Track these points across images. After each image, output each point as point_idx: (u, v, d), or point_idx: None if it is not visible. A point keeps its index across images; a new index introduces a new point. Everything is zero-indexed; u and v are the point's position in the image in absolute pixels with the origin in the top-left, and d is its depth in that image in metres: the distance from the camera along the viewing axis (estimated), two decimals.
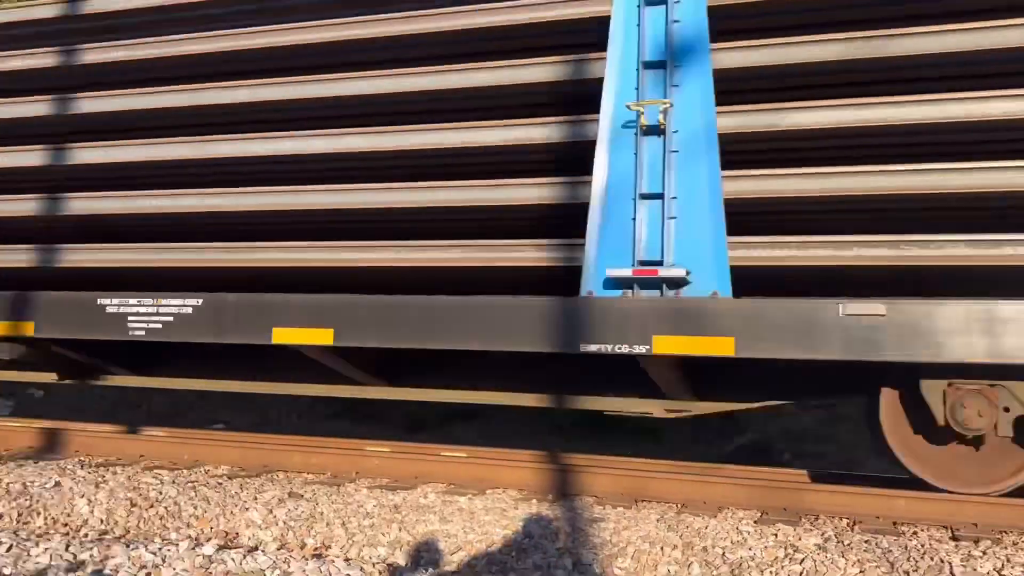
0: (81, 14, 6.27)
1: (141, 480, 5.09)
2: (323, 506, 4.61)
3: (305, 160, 5.62)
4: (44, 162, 6.37)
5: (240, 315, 5.27)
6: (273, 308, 5.20)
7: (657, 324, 4.44)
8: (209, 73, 5.94)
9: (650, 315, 4.47)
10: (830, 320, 4.20)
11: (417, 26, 5.26)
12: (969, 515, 4.40)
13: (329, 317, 5.07)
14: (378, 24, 5.37)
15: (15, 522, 4.59)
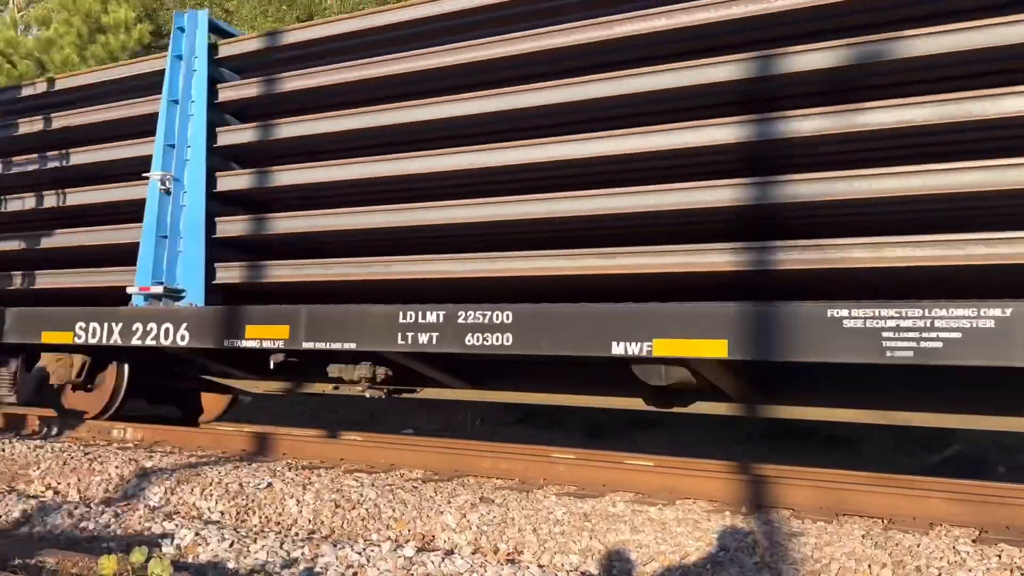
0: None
1: (343, 482, 5.36)
2: (514, 512, 4.68)
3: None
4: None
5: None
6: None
7: None
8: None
9: None
10: None
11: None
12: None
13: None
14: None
15: (234, 520, 4.96)
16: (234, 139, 7.00)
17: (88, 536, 4.53)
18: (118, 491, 5.59)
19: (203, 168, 6.91)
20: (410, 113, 6.15)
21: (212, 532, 4.33)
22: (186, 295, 6.88)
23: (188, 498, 5.30)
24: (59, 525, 4.71)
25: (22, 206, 7.89)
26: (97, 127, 7.61)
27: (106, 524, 4.67)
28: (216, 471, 5.71)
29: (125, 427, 7.69)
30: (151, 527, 4.59)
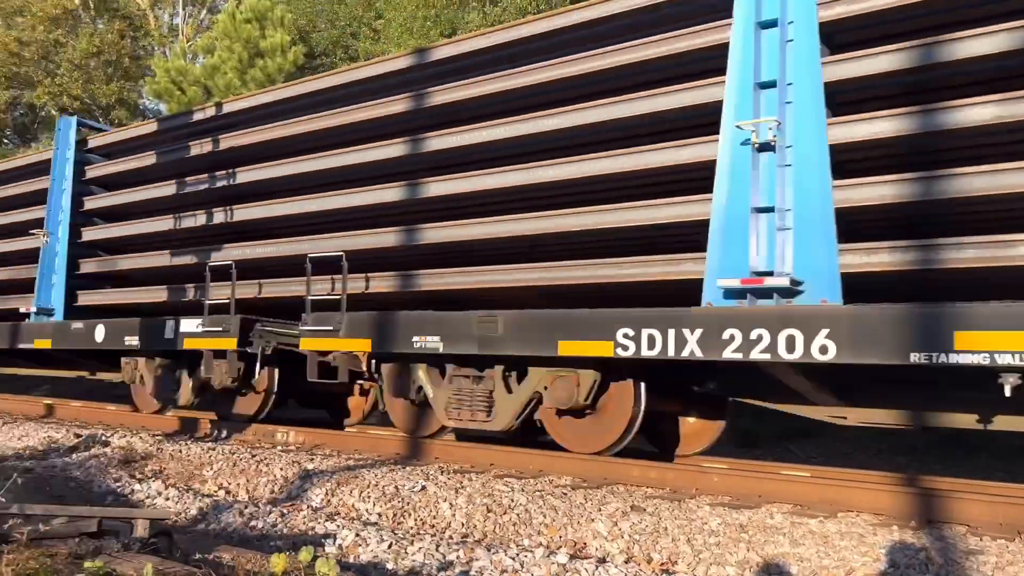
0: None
1: (494, 487, 5.42)
2: (666, 521, 4.60)
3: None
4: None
5: None
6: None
7: None
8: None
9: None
10: None
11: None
12: None
13: None
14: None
15: (391, 521, 5.11)
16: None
17: (257, 535, 4.78)
18: (283, 492, 5.87)
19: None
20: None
21: (371, 533, 4.48)
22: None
23: (347, 499, 5.51)
24: (231, 523, 4.99)
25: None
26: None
27: (273, 523, 4.92)
28: (373, 474, 5.91)
29: (288, 431, 8.08)
30: (314, 527, 4.80)
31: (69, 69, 27.40)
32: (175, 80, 19.61)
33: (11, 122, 31.47)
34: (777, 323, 4.79)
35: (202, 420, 8.92)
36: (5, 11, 28.33)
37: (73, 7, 28.62)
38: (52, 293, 10.23)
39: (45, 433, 8.21)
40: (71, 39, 27.93)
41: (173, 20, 30.54)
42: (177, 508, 5.36)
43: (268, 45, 18.55)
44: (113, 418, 9.88)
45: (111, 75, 28.14)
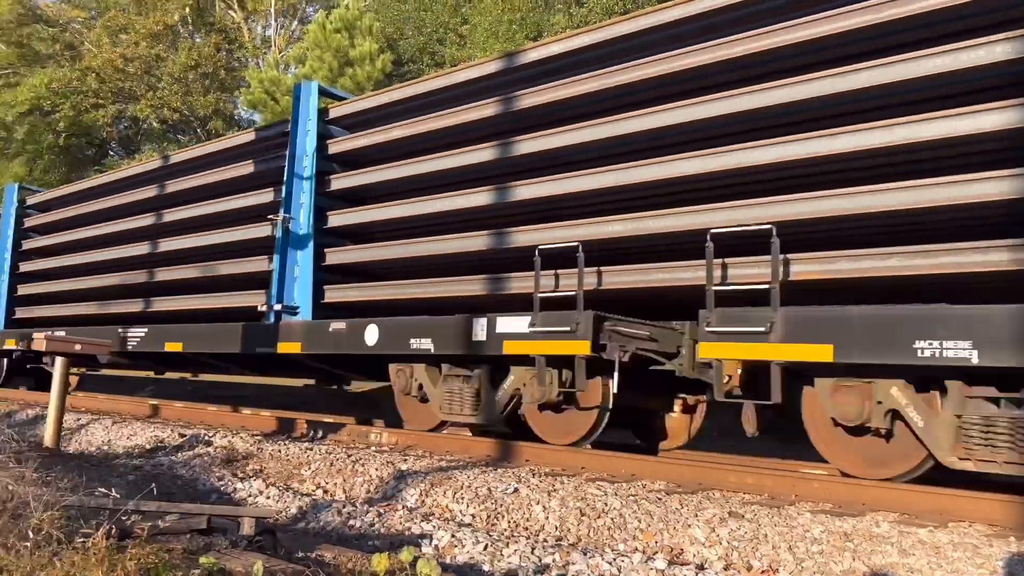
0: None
1: (587, 491, 5.39)
2: (766, 528, 4.49)
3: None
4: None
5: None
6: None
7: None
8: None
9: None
10: None
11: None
12: None
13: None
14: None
15: (485, 523, 5.14)
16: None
17: (356, 534, 4.87)
18: (378, 492, 5.97)
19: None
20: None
21: (467, 535, 4.51)
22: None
23: (441, 500, 5.56)
24: (330, 522, 5.10)
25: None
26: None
27: (370, 523, 5.01)
28: (465, 475, 5.95)
29: (381, 431, 8.22)
30: (410, 527, 4.86)
31: (169, 82, 28.59)
32: (268, 90, 20.23)
33: (116, 135, 32.98)
34: None
35: (299, 420, 9.15)
36: (111, 29, 29.73)
37: (173, 23, 29.83)
38: (296, 288, 8.84)
39: (152, 432, 8.54)
40: (171, 54, 29.12)
41: (266, 32, 31.54)
42: (278, 507, 5.50)
43: (357, 54, 18.95)
44: (214, 418, 10.23)
45: (208, 87, 29.24)
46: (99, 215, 12.62)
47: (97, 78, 29.05)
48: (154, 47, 28.83)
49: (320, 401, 13.52)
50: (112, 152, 33.67)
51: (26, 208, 14.16)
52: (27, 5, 32.09)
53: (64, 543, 2.72)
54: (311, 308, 8.64)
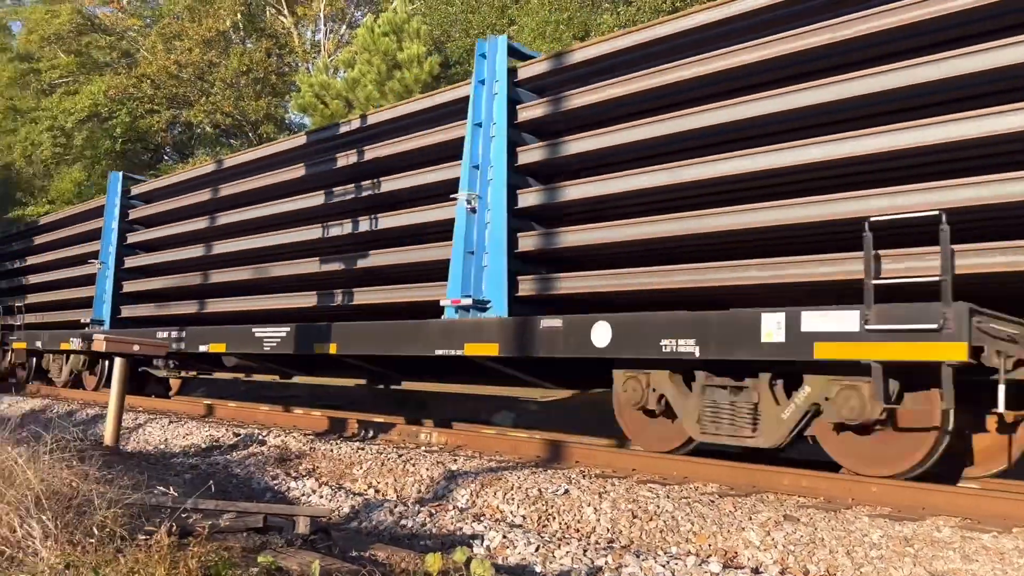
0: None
1: (638, 493, 5.36)
2: (822, 532, 4.41)
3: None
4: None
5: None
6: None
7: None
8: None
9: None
10: None
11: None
12: None
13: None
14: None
15: (536, 524, 5.14)
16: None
17: (407, 533, 4.90)
18: (429, 492, 6.00)
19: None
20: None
21: (518, 536, 4.51)
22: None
23: (491, 501, 5.57)
24: (382, 522, 5.14)
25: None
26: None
27: (422, 523, 5.03)
28: (515, 476, 5.95)
29: (431, 431, 8.27)
30: (461, 528, 4.87)
31: (222, 88, 29.11)
32: (318, 94, 20.48)
33: (170, 139, 33.68)
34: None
35: (350, 420, 9.24)
36: (165, 36, 30.37)
37: (225, 29, 30.37)
38: (484, 279, 7.41)
39: (207, 432, 8.70)
40: (223, 59, 29.64)
41: (315, 36, 31.93)
42: (331, 506, 5.57)
43: (405, 57, 19.09)
44: (266, 418, 10.38)
45: (259, 92, 29.71)
46: (212, 204, 11.38)
47: (152, 84, 29.70)
48: (207, 53, 29.37)
49: (369, 401, 13.64)
50: (167, 156, 34.39)
51: (130, 199, 13.15)
52: (86, 15, 32.93)
53: (127, 540, 2.78)
54: (506, 303, 7.22)
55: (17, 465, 3.30)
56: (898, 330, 4.88)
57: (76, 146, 31.24)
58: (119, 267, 12.93)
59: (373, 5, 30.15)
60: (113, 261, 12.88)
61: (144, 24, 34.08)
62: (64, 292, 14.86)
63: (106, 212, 13.25)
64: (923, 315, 4.81)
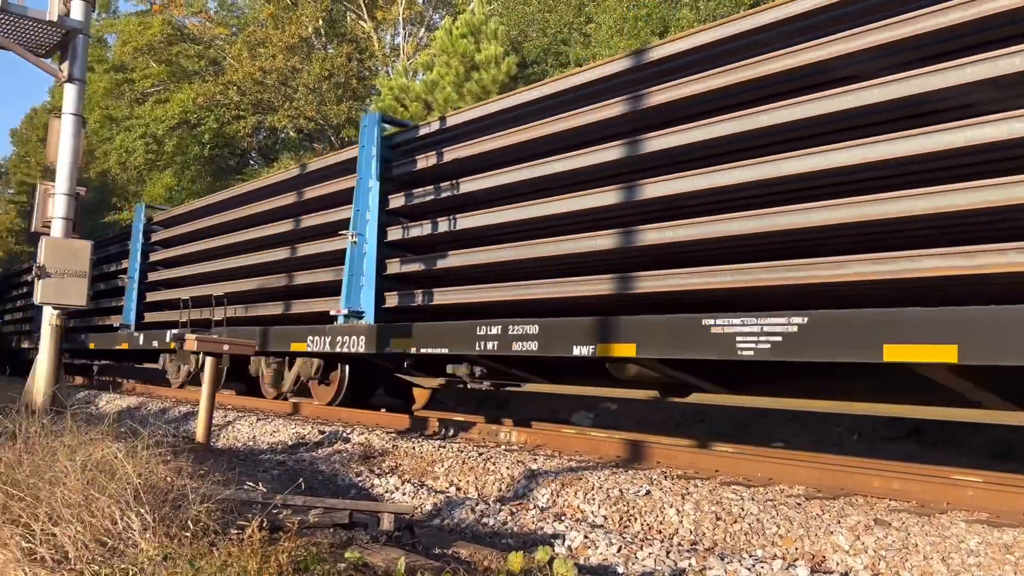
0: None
1: (722, 495, 5.28)
2: (915, 537, 4.27)
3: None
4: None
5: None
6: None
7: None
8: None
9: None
10: None
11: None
12: None
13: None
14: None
15: (618, 525, 5.10)
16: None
17: (489, 532, 4.93)
18: (510, 490, 6.03)
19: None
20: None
21: (600, 536, 4.49)
22: None
23: (572, 501, 5.56)
24: (464, 520, 5.18)
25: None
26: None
27: (503, 522, 5.06)
28: (595, 476, 5.93)
29: (511, 430, 8.30)
30: (542, 527, 4.88)
31: (304, 93, 29.81)
32: (398, 97, 20.77)
33: (256, 144, 34.66)
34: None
35: (431, 419, 9.35)
36: (250, 44, 31.24)
37: (307, 35, 31.08)
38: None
39: (293, 429, 8.91)
40: (306, 65, 30.34)
41: (395, 40, 32.41)
42: (414, 503, 5.64)
43: (483, 58, 19.20)
44: (349, 416, 10.57)
45: (341, 96, 30.31)
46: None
47: (238, 91, 30.61)
48: (290, 59, 30.11)
49: (449, 400, 13.76)
50: (252, 161, 35.40)
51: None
52: (176, 25, 34.14)
53: (220, 534, 2.87)
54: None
55: (117, 460, 3.44)
56: None
57: (167, 152, 32.44)
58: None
59: (451, 7, 30.44)
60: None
61: (230, 32, 35.14)
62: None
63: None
64: None
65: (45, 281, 7.21)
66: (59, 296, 7.29)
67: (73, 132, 7.63)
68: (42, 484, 3.09)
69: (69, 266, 7.27)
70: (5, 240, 52.17)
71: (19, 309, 23.46)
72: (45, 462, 3.41)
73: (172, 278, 14.90)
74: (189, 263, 14.40)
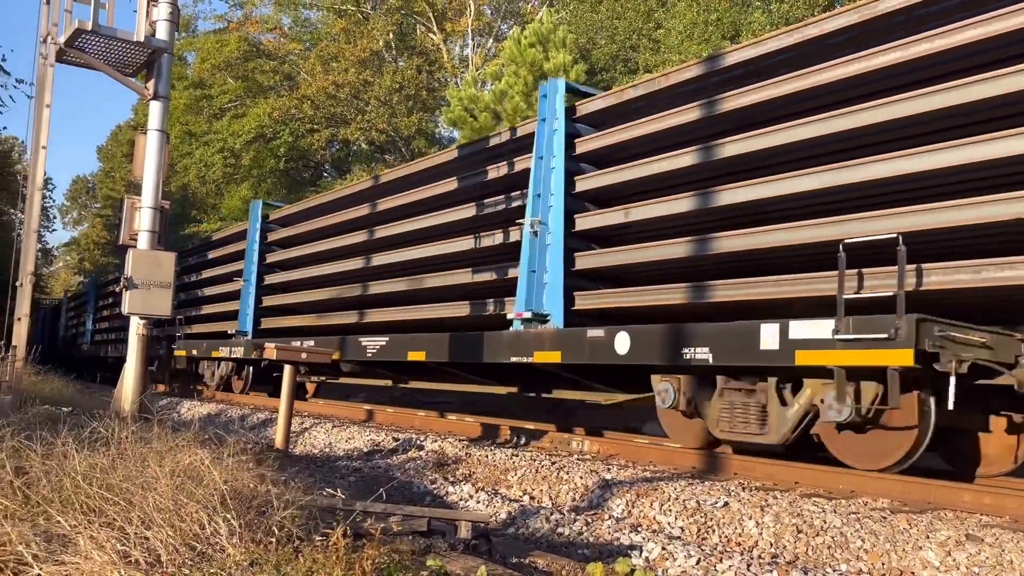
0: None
1: (803, 507, 5.15)
2: (1011, 554, 4.10)
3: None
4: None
5: None
6: None
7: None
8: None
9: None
10: None
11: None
12: None
13: None
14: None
15: (695, 537, 5.03)
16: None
17: (564, 541, 4.91)
18: (584, 500, 6.00)
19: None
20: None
21: (677, 548, 4.43)
22: None
23: (648, 512, 5.50)
24: (539, 529, 5.18)
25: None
26: None
27: (578, 531, 5.03)
28: (671, 487, 5.86)
29: (583, 439, 8.26)
30: (619, 538, 4.84)
31: (376, 105, 30.32)
32: (467, 108, 20.95)
33: (329, 157, 35.37)
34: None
35: (502, 427, 9.38)
36: (323, 58, 31.94)
37: (378, 49, 31.62)
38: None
39: (368, 436, 9.04)
40: (377, 78, 30.86)
41: (464, 51, 32.72)
42: (488, 511, 5.65)
43: (551, 66, 19.24)
44: (423, 423, 10.68)
45: (411, 108, 30.73)
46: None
47: (312, 105, 31.30)
48: (361, 72, 30.67)
49: (519, 408, 13.78)
50: (326, 173, 36.12)
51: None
52: (251, 42, 35.11)
53: (304, 540, 2.92)
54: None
55: (204, 466, 3.54)
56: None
57: (244, 166, 33.34)
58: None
59: (519, 17, 30.61)
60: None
61: (304, 48, 35.98)
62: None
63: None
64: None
65: (132, 292, 7.46)
66: (145, 307, 7.54)
67: (158, 148, 7.90)
68: (134, 489, 3.19)
69: (155, 277, 7.52)
70: (92, 253, 54.32)
71: (105, 319, 24.37)
72: (136, 468, 3.52)
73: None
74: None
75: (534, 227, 7.87)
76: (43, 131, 8.40)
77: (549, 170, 8.01)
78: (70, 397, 10.47)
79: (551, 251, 7.89)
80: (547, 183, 8.00)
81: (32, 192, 8.65)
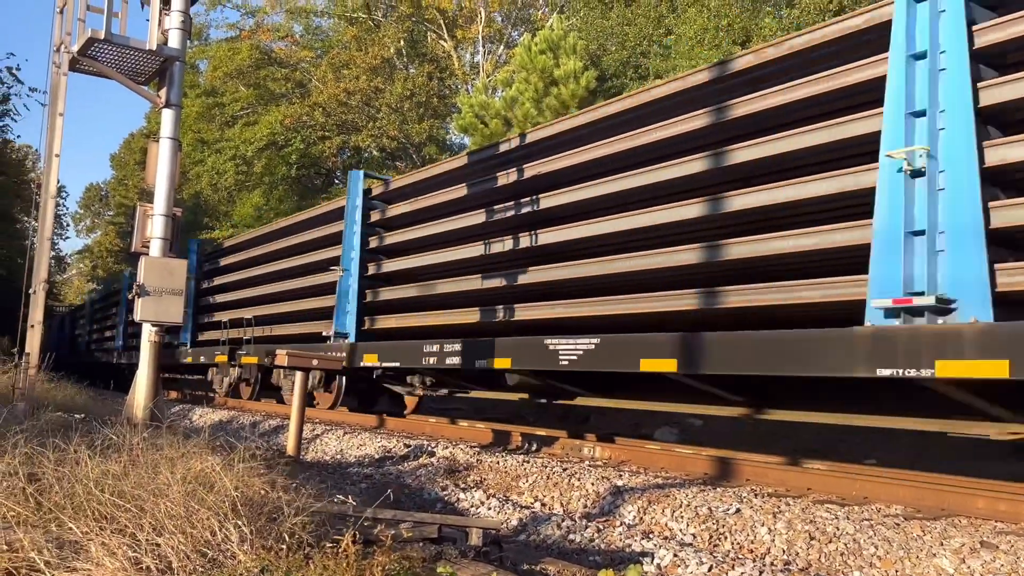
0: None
1: (815, 513, 5.13)
2: None
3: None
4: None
5: None
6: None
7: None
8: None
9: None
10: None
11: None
12: None
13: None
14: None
15: (707, 543, 5.01)
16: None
17: (576, 548, 4.90)
18: (595, 506, 5.98)
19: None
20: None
21: (689, 555, 4.41)
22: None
23: (659, 518, 5.48)
24: (550, 536, 5.16)
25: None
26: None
27: (590, 538, 5.02)
28: (683, 493, 5.83)
29: (594, 446, 8.24)
30: (630, 544, 4.82)
31: (387, 112, 30.40)
32: (478, 115, 20.98)
33: (340, 164, 35.47)
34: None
35: (513, 433, 9.36)
36: (335, 65, 32.06)
37: (389, 56, 31.72)
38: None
39: (379, 443, 9.04)
40: (388, 85, 30.95)
41: (474, 58, 32.80)
42: (499, 518, 5.64)
43: (562, 73, 19.26)
44: (434, 430, 10.68)
45: (422, 115, 30.81)
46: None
47: (323, 112, 31.41)
48: (373, 80, 30.78)
49: (531, 415, 13.77)
50: (337, 180, 36.23)
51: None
52: (263, 50, 35.29)
53: (314, 547, 2.92)
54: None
55: (215, 473, 3.54)
56: None
57: (256, 173, 33.46)
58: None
59: (530, 24, 30.67)
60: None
61: (315, 55, 36.13)
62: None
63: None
64: None
65: (144, 299, 7.49)
66: (157, 314, 7.56)
67: (170, 155, 7.93)
68: (146, 495, 3.20)
69: (167, 284, 7.55)
70: (105, 260, 54.62)
71: (117, 326, 24.37)
72: (148, 474, 3.53)
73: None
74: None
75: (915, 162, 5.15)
76: (56, 139, 8.46)
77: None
78: (83, 404, 10.51)
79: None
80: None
81: (45, 200, 8.71)
